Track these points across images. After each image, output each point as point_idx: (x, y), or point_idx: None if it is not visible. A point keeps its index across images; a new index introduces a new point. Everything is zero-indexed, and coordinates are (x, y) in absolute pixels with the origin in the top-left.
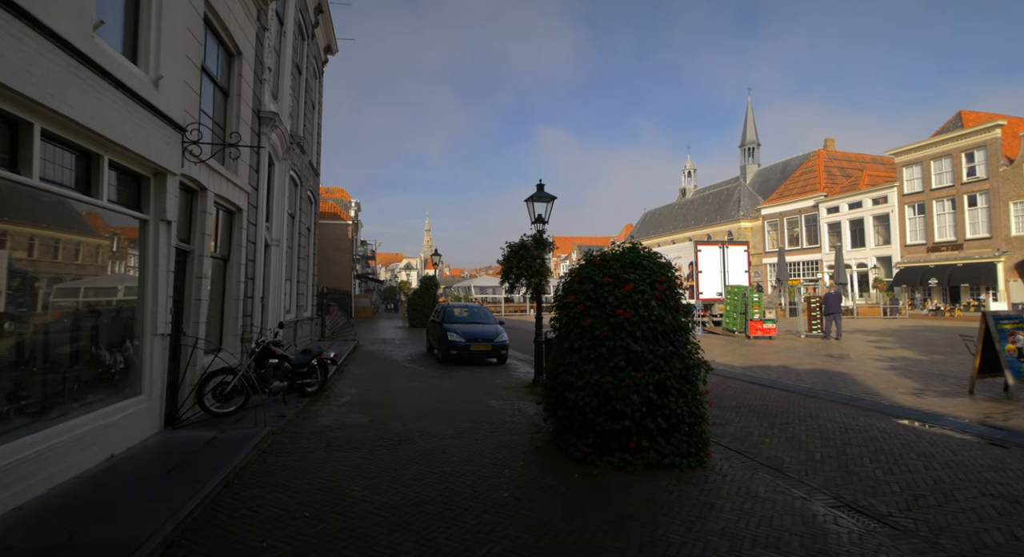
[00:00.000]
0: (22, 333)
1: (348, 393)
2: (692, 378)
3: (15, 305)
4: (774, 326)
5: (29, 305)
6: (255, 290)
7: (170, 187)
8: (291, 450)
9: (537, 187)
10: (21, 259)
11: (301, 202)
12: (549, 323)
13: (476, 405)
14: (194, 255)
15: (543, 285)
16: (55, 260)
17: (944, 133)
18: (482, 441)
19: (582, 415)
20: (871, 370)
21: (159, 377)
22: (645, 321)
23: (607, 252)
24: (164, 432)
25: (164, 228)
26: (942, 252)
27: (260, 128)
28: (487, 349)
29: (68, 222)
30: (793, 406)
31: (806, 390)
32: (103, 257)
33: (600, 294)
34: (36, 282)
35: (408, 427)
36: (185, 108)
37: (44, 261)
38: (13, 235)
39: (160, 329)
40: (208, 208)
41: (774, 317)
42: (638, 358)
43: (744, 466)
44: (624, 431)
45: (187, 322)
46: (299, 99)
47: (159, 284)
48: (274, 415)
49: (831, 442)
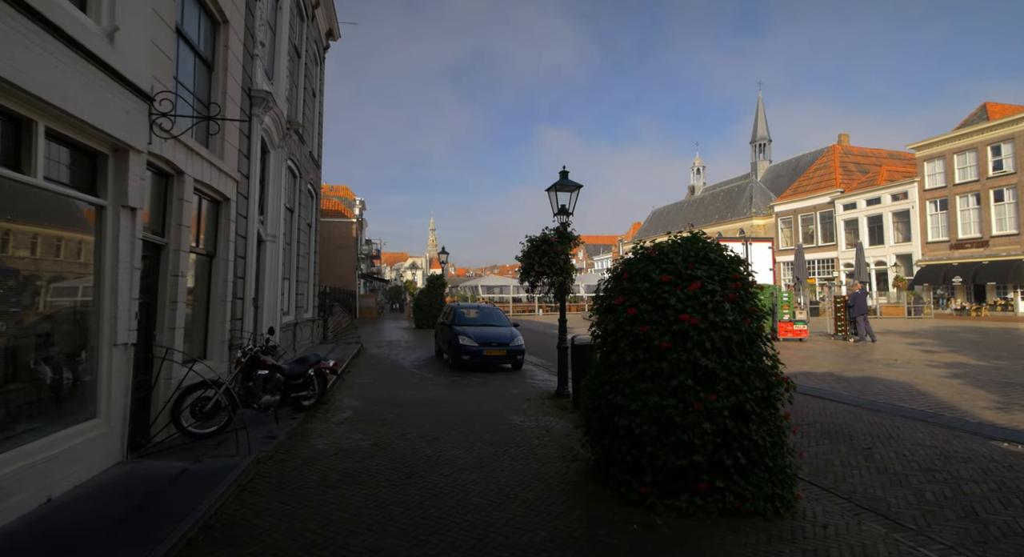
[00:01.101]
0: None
1: (350, 406)
2: (774, 400)
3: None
4: (805, 327)
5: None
6: (246, 290)
7: (133, 167)
8: (278, 486)
9: (560, 175)
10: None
11: (300, 196)
12: (589, 330)
13: (496, 422)
14: (169, 250)
15: (567, 284)
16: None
17: (968, 126)
18: (508, 472)
19: (638, 446)
20: (931, 378)
21: (119, 396)
22: (717, 329)
23: (662, 243)
24: (126, 463)
25: (127, 216)
26: (966, 249)
27: (251, 109)
28: (502, 354)
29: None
30: (864, 424)
31: (868, 403)
32: (42, 250)
33: (658, 295)
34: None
35: (419, 453)
36: (153, 73)
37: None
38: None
39: (121, 338)
40: (186, 195)
41: (805, 318)
42: (709, 375)
43: (842, 512)
44: (693, 467)
45: (160, 328)
46: (298, 84)
47: (120, 283)
48: (262, 436)
49: (936, 475)
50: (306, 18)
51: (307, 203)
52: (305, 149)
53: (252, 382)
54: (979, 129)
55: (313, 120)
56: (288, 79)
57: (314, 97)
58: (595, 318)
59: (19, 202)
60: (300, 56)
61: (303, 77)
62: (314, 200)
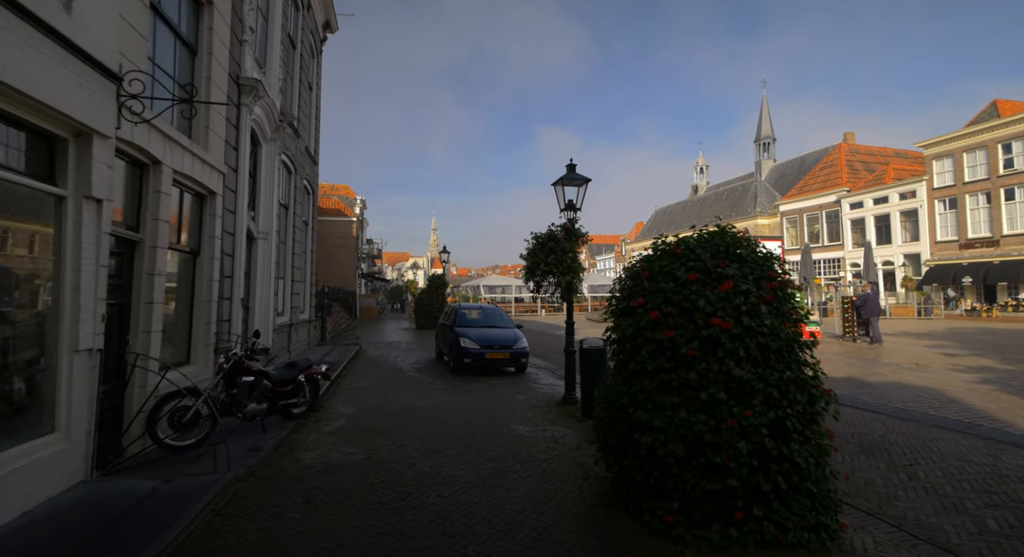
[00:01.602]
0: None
1: (343, 414)
2: (817, 415)
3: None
4: (819, 328)
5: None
6: (234, 290)
7: (99, 154)
8: (256, 510)
9: (567, 168)
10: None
11: (296, 192)
12: (604, 335)
13: (500, 433)
14: (144, 246)
15: (575, 284)
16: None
17: (978, 123)
18: (515, 493)
19: (662, 468)
20: (959, 384)
21: (82, 407)
22: (752, 334)
23: (686, 238)
24: (90, 482)
25: (91, 208)
26: (976, 249)
27: (240, 97)
28: (505, 357)
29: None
30: (899, 436)
31: (897, 411)
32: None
33: (685, 296)
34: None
35: (416, 469)
36: (122, 51)
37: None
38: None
39: (84, 343)
40: (163, 187)
41: (818, 319)
42: (743, 388)
43: (896, 543)
44: (726, 493)
45: (135, 332)
46: (293, 76)
47: (83, 282)
48: (246, 449)
49: (994, 498)
50: (301, 7)
51: (303, 200)
52: (301, 144)
53: (236, 389)
54: (989, 126)
55: (310, 114)
56: (282, 69)
57: (310, 91)
58: (610, 321)
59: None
60: (295, 47)
61: (298, 69)
62: (311, 197)
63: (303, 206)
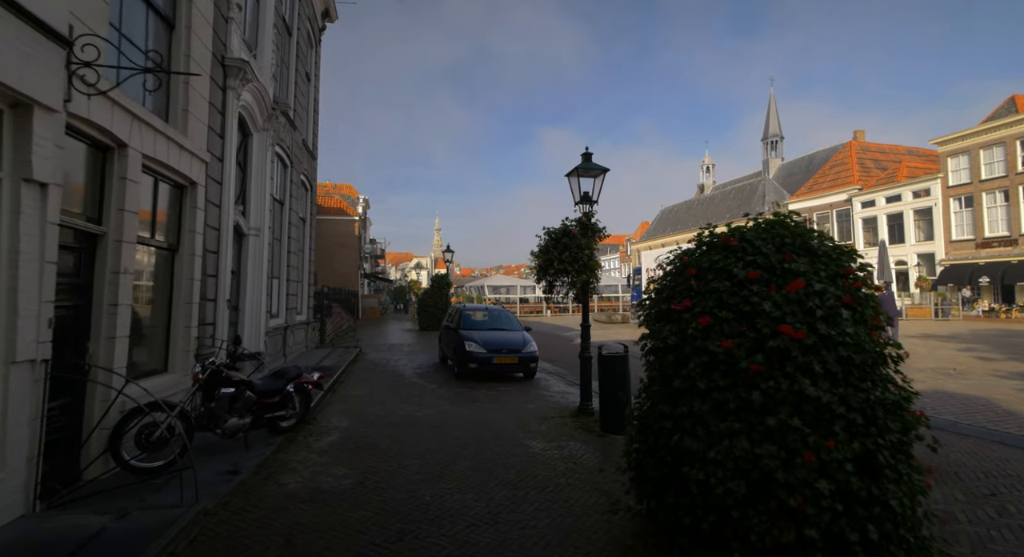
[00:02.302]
0: None
1: (337, 427)
2: (909, 446)
3: None
4: None
5: None
6: (219, 291)
7: (41, 129)
8: (224, 551)
9: (583, 157)
10: None
11: (292, 187)
12: (638, 343)
13: (511, 452)
14: (108, 241)
15: (592, 283)
16: None
17: (996, 119)
18: (533, 534)
19: (719, 510)
20: (1010, 392)
21: (20, 428)
22: (831, 345)
23: (739, 228)
24: (30, 517)
25: (31, 194)
26: (994, 248)
27: (225, 80)
28: (513, 362)
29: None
30: (964, 455)
31: (950, 424)
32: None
33: (744, 297)
34: None
35: (416, 498)
36: (73, 11)
37: None
38: None
39: (23, 353)
40: (130, 174)
41: None
42: (821, 412)
43: None
44: (802, 544)
45: (96, 338)
46: (288, 64)
47: (21, 282)
48: (223, 471)
49: None
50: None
51: (300, 195)
52: (298, 136)
53: (215, 402)
54: (1008, 123)
55: (307, 106)
56: (275, 55)
57: (308, 81)
58: (645, 328)
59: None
60: (291, 34)
61: (295, 57)
62: (309, 193)
63: (300, 202)
